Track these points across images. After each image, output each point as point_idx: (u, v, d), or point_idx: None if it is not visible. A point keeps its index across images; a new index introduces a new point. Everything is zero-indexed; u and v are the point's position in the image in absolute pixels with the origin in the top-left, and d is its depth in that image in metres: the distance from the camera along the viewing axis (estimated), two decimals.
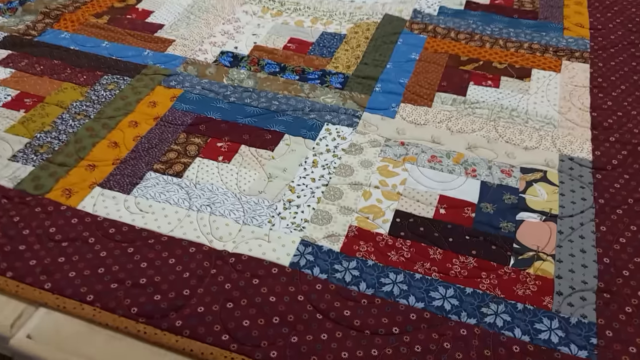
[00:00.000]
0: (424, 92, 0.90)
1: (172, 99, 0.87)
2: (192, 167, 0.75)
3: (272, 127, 0.82)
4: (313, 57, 0.98)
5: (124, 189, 0.72)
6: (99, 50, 0.98)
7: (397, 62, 0.97)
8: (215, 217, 0.68)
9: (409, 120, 0.84)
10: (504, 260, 0.64)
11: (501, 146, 0.80)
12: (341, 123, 0.83)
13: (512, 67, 0.96)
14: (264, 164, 0.76)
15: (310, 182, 0.73)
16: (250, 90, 0.90)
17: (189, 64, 0.95)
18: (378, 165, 0.76)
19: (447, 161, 0.77)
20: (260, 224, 0.67)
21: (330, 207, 0.70)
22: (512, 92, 0.90)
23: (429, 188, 0.73)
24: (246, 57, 0.98)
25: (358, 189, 0.73)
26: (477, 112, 0.86)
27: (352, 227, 0.67)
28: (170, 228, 0.67)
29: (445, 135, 0.82)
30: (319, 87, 0.91)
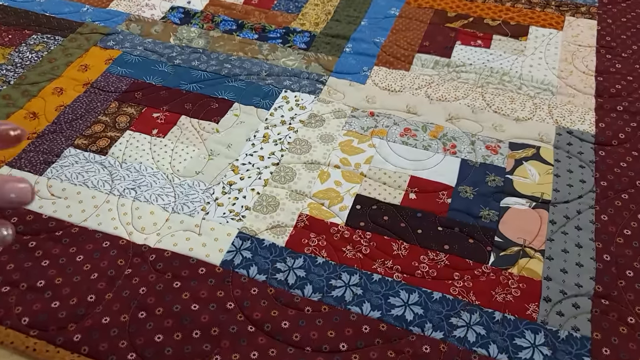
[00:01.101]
0: (402, 53, 0.77)
1: (108, 61, 0.75)
2: (120, 143, 0.64)
3: (220, 94, 0.70)
4: (277, 12, 0.85)
5: (36, 169, 0.61)
6: (31, 6, 0.85)
7: (374, 18, 0.84)
8: (139, 203, 0.57)
9: (382, 86, 0.72)
10: (482, 257, 0.53)
11: (488, 117, 0.67)
12: (302, 90, 0.71)
13: (507, 24, 0.83)
14: (205, 138, 0.64)
15: (258, 161, 0.62)
16: (200, 51, 0.77)
17: (132, 22, 0.82)
18: (340, 140, 0.64)
19: (423, 135, 0.65)
20: (192, 212, 0.56)
21: (278, 191, 0.59)
22: (505, 53, 0.77)
23: (398, 168, 0.61)
24: (199, 12, 0.85)
25: (314, 169, 0.61)
26: (463, 77, 0.73)
27: (303, 216, 0.56)
28: (84, 217, 0.56)
29: (423, 104, 0.69)
30: (280, 47, 0.78)
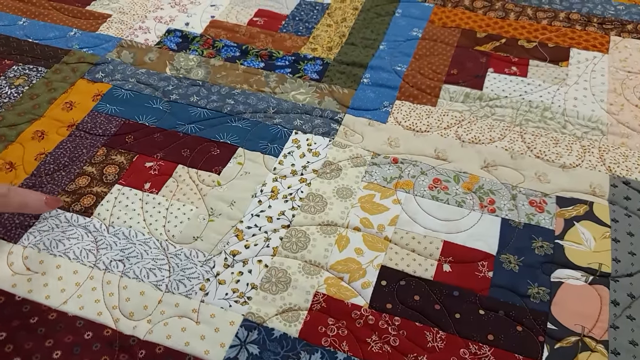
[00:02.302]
0: (427, 84, 0.68)
1: (96, 97, 0.67)
2: (107, 200, 0.55)
3: (221, 137, 0.62)
4: (285, 35, 0.76)
5: (11, 235, 0.53)
6: (12, 30, 0.77)
7: (394, 41, 0.75)
8: (128, 280, 0.49)
9: (406, 125, 0.63)
10: (533, 351, 0.44)
11: (529, 164, 0.58)
12: (315, 131, 0.62)
13: (544, 46, 0.74)
14: (205, 193, 0.56)
15: (266, 223, 0.53)
16: (199, 83, 0.69)
17: (124, 48, 0.74)
18: (360, 195, 0.56)
19: (456, 187, 0.56)
20: (189, 293, 0.48)
21: (289, 262, 0.50)
22: (545, 82, 0.68)
23: (429, 230, 0.53)
24: (199, 37, 0.76)
25: (331, 233, 0.52)
26: (498, 113, 0.64)
27: (319, 296, 0.48)
28: (64, 298, 0.48)
29: (453, 147, 0.60)
30: (289, 78, 0.69)
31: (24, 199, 0.50)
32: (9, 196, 0.48)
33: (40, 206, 0.51)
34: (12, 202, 0.48)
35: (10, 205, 0.48)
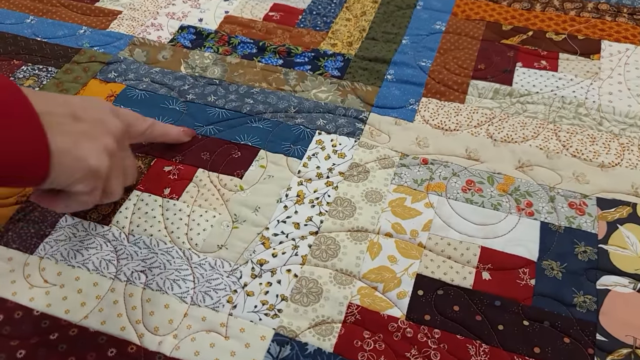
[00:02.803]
0: (454, 80, 0.65)
1: (110, 98, 0.64)
2: (126, 207, 0.53)
3: (242, 139, 0.59)
4: (303, 30, 0.73)
5: (26, 246, 0.50)
6: (20, 29, 0.74)
7: (417, 35, 0.72)
8: (151, 292, 0.46)
9: (434, 124, 0.60)
10: None
11: (566, 163, 0.56)
12: (339, 131, 0.60)
13: (574, 38, 0.70)
14: (228, 199, 0.53)
15: (293, 230, 0.51)
16: (216, 82, 0.66)
17: (136, 46, 0.71)
18: (390, 199, 0.53)
19: (490, 189, 0.54)
20: (216, 305, 0.46)
21: (320, 271, 0.48)
22: (577, 77, 0.65)
23: (465, 236, 0.50)
24: (213, 33, 0.73)
25: (362, 240, 0.50)
26: (530, 110, 0.61)
27: (353, 307, 0.45)
28: (84, 312, 0.45)
29: (485, 147, 0.58)
30: (309, 75, 0.66)
31: (165, 129, 0.55)
32: (153, 126, 0.52)
33: (179, 135, 0.56)
34: (156, 130, 0.53)
35: (155, 133, 0.53)
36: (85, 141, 0.40)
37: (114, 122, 0.44)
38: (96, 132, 0.42)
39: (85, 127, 0.41)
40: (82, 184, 0.41)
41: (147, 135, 0.52)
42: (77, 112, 0.41)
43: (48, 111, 0.39)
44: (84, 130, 0.41)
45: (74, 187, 0.41)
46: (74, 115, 0.41)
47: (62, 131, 0.39)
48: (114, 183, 0.45)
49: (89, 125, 0.42)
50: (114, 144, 0.43)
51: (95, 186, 0.42)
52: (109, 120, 0.44)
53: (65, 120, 0.40)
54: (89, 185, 0.42)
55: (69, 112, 0.41)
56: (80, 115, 0.41)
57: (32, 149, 0.37)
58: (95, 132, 0.42)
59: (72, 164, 0.39)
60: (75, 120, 0.41)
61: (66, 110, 0.41)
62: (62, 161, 0.39)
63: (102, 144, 0.42)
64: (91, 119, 0.42)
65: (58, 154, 0.38)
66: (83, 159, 0.40)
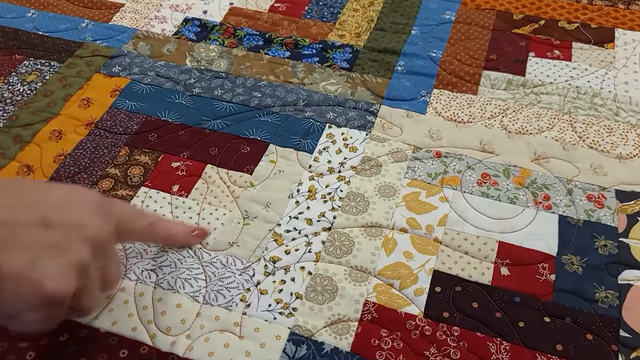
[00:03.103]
0: (466, 70, 0.64)
1: (114, 93, 0.63)
2: (134, 204, 0.52)
3: (251, 133, 0.58)
4: (310, 21, 0.72)
5: None
6: (21, 23, 0.73)
7: (426, 25, 0.70)
8: (162, 292, 0.45)
9: (446, 116, 0.59)
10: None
11: (583, 155, 0.55)
12: (349, 124, 0.58)
13: (587, 27, 0.69)
14: (238, 195, 0.52)
15: (305, 226, 0.50)
16: (222, 75, 0.64)
17: (140, 39, 0.70)
18: (404, 193, 0.52)
19: (506, 182, 0.53)
20: (229, 304, 0.44)
21: (334, 268, 0.47)
22: (591, 66, 0.64)
23: (481, 230, 0.49)
24: (218, 25, 0.71)
25: (376, 236, 0.49)
26: (544, 101, 0.60)
27: (369, 305, 0.44)
28: (94, 312, 0.44)
29: (500, 139, 0.56)
30: (317, 67, 0.65)
31: (170, 230, 0.46)
32: (155, 225, 0.44)
33: (188, 238, 0.47)
34: (160, 230, 0.45)
35: (158, 234, 0.45)
36: (48, 258, 0.33)
37: (95, 226, 0.36)
38: (67, 242, 0.34)
39: (53, 238, 0.34)
40: (33, 313, 0.33)
41: (148, 235, 0.44)
42: (50, 216, 0.34)
43: (8, 219, 0.32)
44: (51, 243, 0.33)
45: (22, 316, 0.34)
46: (44, 221, 0.34)
47: (20, 247, 0.32)
48: (84, 301, 0.36)
49: (60, 233, 0.34)
50: (87, 255, 0.35)
51: (51, 315, 0.34)
52: (89, 224, 0.36)
53: (27, 232, 0.33)
54: (41, 314, 0.34)
55: (37, 219, 0.34)
56: (52, 220, 0.34)
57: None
58: (65, 243, 0.34)
59: (25, 290, 0.32)
60: (44, 229, 0.34)
61: (34, 216, 0.34)
62: (12, 287, 0.31)
63: (72, 259, 0.34)
64: (65, 224, 0.35)
65: (8, 279, 0.31)
66: (39, 284, 0.32)
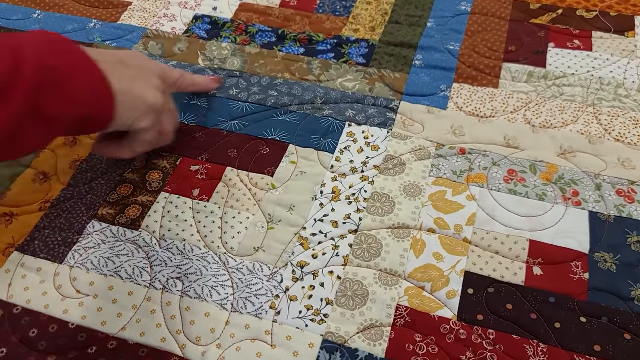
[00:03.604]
0: (486, 63, 0.62)
1: None
2: (155, 211, 0.51)
3: (269, 134, 0.57)
4: (322, 16, 0.70)
5: (55, 255, 0.48)
6: (28, 24, 0.71)
7: (442, 17, 0.69)
8: (190, 300, 0.45)
9: (468, 111, 0.58)
10: None
11: (610, 148, 0.53)
12: (370, 122, 0.57)
13: (606, 15, 0.68)
14: (260, 198, 0.51)
15: (332, 229, 0.49)
16: (237, 74, 0.63)
17: (150, 39, 0.68)
18: (430, 193, 0.51)
19: (534, 178, 0.52)
20: (259, 312, 0.44)
21: (364, 272, 0.46)
22: (613, 56, 0.62)
23: (511, 229, 0.48)
24: (229, 22, 0.70)
25: (404, 237, 0.48)
26: (567, 93, 0.59)
27: (402, 309, 0.43)
28: (122, 323, 0.44)
29: (524, 133, 0.55)
30: (333, 64, 0.64)
31: (193, 78, 0.58)
32: (184, 76, 0.55)
33: (207, 83, 0.59)
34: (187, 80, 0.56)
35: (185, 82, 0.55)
36: (138, 82, 0.45)
37: (155, 66, 0.49)
38: (144, 74, 0.46)
39: (134, 72, 0.45)
40: (144, 120, 0.46)
41: (179, 84, 0.54)
42: (124, 59, 0.46)
43: (102, 59, 0.42)
44: (134, 74, 0.45)
45: (137, 125, 0.46)
46: (122, 62, 0.45)
47: (118, 75, 0.43)
48: (166, 122, 0.50)
49: (137, 70, 0.46)
50: (161, 83, 0.48)
51: (155, 121, 0.47)
52: (151, 65, 0.49)
53: (117, 67, 0.44)
54: (150, 120, 0.46)
55: (117, 60, 0.45)
56: (127, 62, 0.45)
57: (98, 94, 0.41)
58: (143, 75, 0.46)
59: (133, 102, 0.44)
60: (125, 66, 0.45)
61: (114, 58, 0.45)
62: (125, 100, 0.43)
63: (153, 84, 0.47)
64: (136, 65, 0.46)
65: (120, 95, 0.42)
66: (142, 96, 0.45)
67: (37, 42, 0.38)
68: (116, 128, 0.45)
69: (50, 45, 0.39)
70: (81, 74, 0.40)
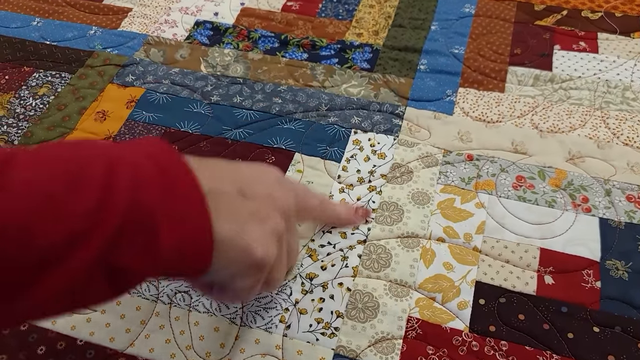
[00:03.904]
0: (491, 67, 0.62)
1: (130, 104, 0.61)
2: None
3: (274, 142, 0.56)
4: (325, 20, 0.70)
5: None
6: (27, 32, 0.70)
7: (445, 20, 0.68)
8: (198, 315, 0.44)
9: (475, 116, 0.57)
10: None
11: (619, 153, 0.53)
12: (376, 129, 0.57)
13: (611, 16, 0.67)
14: None
15: (340, 239, 0.48)
16: (240, 81, 0.63)
17: (151, 45, 0.68)
18: (439, 200, 0.51)
19: (542, 185, 0.51)
20: (269, 326, 0.43)
21: (374, 283, 0.45)
22: (619, 58, 0.62)
23: (521, 237, 0.48)
24: (231, 27, 0.69)
25: (413, 247, 0.47)
26: (574, 96, 0.58)
27: (413, 321, 0.43)
28: (130, 339, 0.43)
29: (532, 138, 0.55)
30: (337, 69, 0.63)
31: (336, 211, 0.45)
32: (324, 205, 0.43)
33: (351, 217, 0.46)
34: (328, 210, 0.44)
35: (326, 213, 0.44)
36: (252, 225, 0.33)
37: (283, 198, 0.36)
38: (265, 211, 0.34)
39: (253, 207, 0.34)
40: (243, 278, 0.34)
41: (317, 215, 0.43)
42: (244, 187, 0.34)
43: (214, 188, 0.31)
44: (252, 211, 0.33)
45: (233, 284, 0.34)
46: (242, 191, 0.34)
47: (229, 214, 0.32)
48: (276, 272, 0.36)
49: (258, 204, 0.34)
50: (282, 224, 0.35)
51: (258, 279, 0.35)
52: (278, 196, 0.36)
53: (232, 200, 0.33)
54: (251, 279, 0.34)
55: (236, 189, 0.34)
56: (247, 191, 0.34)
57: (194, 238, 0.29)
58: (263, 212, 0.34)
59: (236, 255, 0.32)
60: (244, 198, 0.34)
61: (234, 186, 0.34)
62: (226, 252, 0.31)
63: (271, 227, 0.34)
64: (260, 195, 0.35)
65: (222, 244, 0.31)
66: (249, 249, 0.32)
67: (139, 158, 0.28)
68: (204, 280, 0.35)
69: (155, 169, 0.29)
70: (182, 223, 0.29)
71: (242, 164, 0.39)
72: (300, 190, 0.41)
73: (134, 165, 0.28)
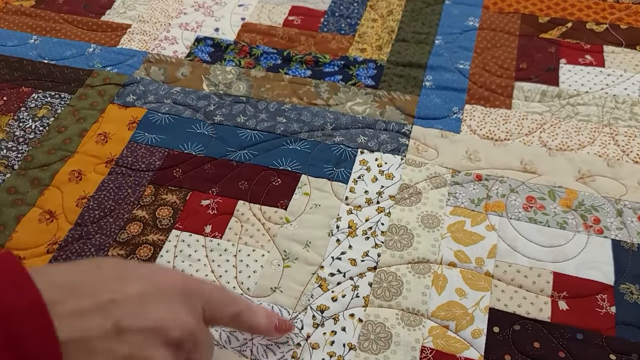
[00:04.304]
0: (497, 83, 0.61)
1: (132, 125, 0.60)
2: (167, 250, 0.49)
3: (280, 163, 0.55)
4: (328, 35, 0.69)
5: None
6: (24, 51, 0.69)
7: (450, 34, 0.67)
8: None
9: (482, 134, 0.57)
10: None
11: (629, 171, 0.52)
12: (382, 148, 0.56)
13: (617, 28, 0.66)
14: (274, 233, 0.50)
15: (350, 267, 0.47)
16: (243, 100, 0.62)
17: (152, 63, 0.66)
18: (449, 223, 0.50)
19: (553, 205, 0.50)
20: None
21: (385, 313, 0.45)
22: (626, 72, 0.61)
23: (533, 260, 0.47)
24: (232, 44, 0.68)
25: (425, 273, 0.47)
26: (582, 112, 0.58)
27: (427, 351, 0.42)
28: None
29: (541, 157, 0.54)
30: (341, 86, 0.62)
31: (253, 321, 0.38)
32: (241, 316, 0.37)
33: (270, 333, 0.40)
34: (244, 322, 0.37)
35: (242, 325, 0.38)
36: None
37: (179, 323, 0.30)
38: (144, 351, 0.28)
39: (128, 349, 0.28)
40: None
41: (232, 325, 0.38)
42: (123, 317, 0.28)
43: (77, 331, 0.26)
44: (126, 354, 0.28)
45: None
46: (117, 325, 0.28)
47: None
48: None
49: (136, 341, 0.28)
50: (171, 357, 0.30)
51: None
52: (171, 324, 0.30)
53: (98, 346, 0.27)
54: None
55: (111, 323, 0.28)
56: (126, 326, 0.28)
57: None
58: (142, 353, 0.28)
59: None
60: (117, 337, 0.28)
61: (107, 319, 0.28)
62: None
63: None
64: (143, 329, 0.29)
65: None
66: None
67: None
68: None
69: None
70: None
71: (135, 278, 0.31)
72: (216, 296, 0.35)
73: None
